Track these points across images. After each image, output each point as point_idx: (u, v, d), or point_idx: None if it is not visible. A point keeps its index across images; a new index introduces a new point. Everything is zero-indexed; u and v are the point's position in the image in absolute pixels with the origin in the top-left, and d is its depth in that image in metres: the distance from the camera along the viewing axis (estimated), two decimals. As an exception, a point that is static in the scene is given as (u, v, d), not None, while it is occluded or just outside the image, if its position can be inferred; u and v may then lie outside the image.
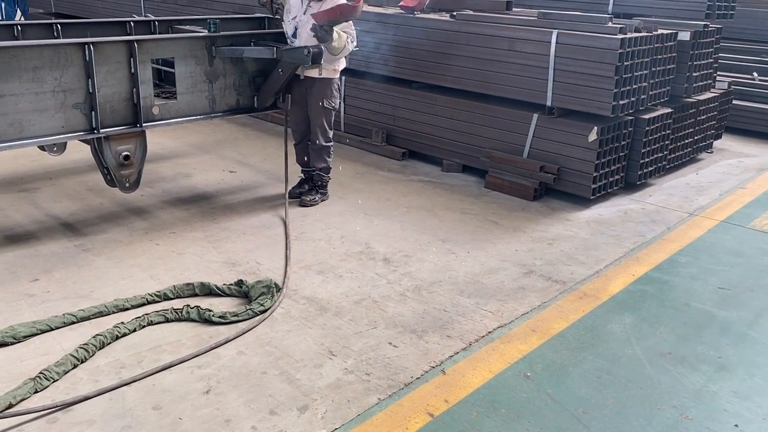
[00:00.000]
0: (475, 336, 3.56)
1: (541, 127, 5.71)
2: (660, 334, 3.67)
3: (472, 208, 5.44)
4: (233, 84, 4.95)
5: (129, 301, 3.69)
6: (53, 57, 4.01)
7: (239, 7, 8.05)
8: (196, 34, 4.82)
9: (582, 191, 5.54)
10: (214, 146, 6.87)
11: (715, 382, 3.25)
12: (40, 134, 4.08)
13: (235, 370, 3.18)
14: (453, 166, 6.34)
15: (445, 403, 3.01)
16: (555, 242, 4.82)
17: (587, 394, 3.12)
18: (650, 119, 5.84)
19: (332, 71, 5.14)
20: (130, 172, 4.51)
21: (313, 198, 5.35)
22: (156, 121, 4.54)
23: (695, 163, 6.98)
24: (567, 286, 4.17)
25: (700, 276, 4.40)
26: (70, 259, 4.24)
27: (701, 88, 6.66)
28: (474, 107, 6.17)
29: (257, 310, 3.65)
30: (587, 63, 5.33)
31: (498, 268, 4.38)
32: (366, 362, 3.28)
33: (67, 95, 4.10)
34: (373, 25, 6.66)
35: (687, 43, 6.19)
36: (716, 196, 5.98)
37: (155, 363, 3.19)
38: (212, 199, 5.41)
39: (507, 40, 5.79)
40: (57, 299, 3.75)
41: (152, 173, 5.79)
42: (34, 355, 3.22)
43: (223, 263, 4.28)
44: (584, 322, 3.76)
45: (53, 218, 4.87)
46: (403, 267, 4.33)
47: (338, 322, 3.64)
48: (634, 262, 4.56)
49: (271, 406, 2.93)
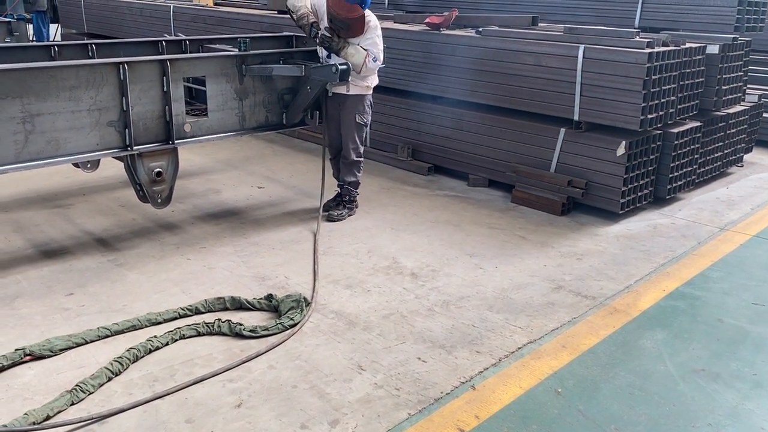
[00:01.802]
0: (504, 352, 3.54)
1: (568, 142, 5.70)
2: (692, 350, 3.62)
3: (499, 222, 5.43)
4: (262, 101, 5.03)
5: (161, 315, 3.74)
6: (89, 76, 4.12)
7: (267, 26, 8.18)
8: (227, 53, 4.92)
9: (611, 206, 5.50)
10: (243, 162, 6.97)
11: (751, 400, 3.20)
12: (76, 151, 4.18)
13: (266, 383, 3.21)
14: (479, 180, 6.34)
15: (475, 418, 3.00)
16: (584, 257, 4.79)
17: (619, 411, 3.09)
18: (679, 133, 5.79)
19: (365, 88, 5.21)
20: (162, 188, 4.59)
21: (340, 213, 5.39)
22: (188, 138, 4.63)
23: (725, 177, 6.89)
24: (597, 301, 4.14)
25: (733, 291, 4.33)
26: (104, 274, 4.32)
27: (731, 101, 6.60)
28: (500, 122, 6.18)
29: (287, 324, 3.68)
30: (614, 77, 5.31)
31: (527, 283, 4.36)
32: (395, 377, 3.29)
33: (102, 113, 4.21)
34: (400, 42, 6.73)
35: (716, 57, 6.14)
36: (747, 210, 5.90)
37: (188, 376, 3.23)
38: (241, 214, 5.47)
39: (533, 55, 5.80)
40: (91, 313, 3.82)
41: (183, 189, 5.89)
42: (70, 367, 3.28)
43: (252, 277, 4.33)
44: (615, 338, 3.72)
45: (87, 234, 4.97)
46: (431, 282, 4.34)
47: (367, 337, 3.65)
48: (664, 277, 4.51)
49: (302, 420, 2.95)
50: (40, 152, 4.02)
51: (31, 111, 3.92)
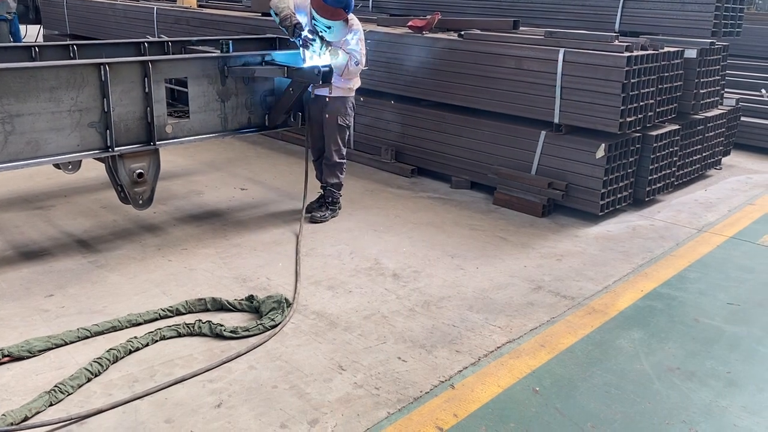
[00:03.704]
0: (484, 351, 3.58)
1: (548, 144, 5.76)
2: (669, 350, 3.68)
3: (480, 224, 5.47)
4: (245, 103, 5.04)
5: (142, 316, 3.74)
6: (70, 77, 4.10)
7: (250, 28, 8.18)
8: (209, 55, 4.92)
9: (590, 207, 5.56)
10: (226, 164, 6.96)
11: (725, 398, 3.26)
12: (57, 153, 4.16)
13: (246, 384, 3.21)
14: (461, 182, 6.39)
15: (454, 417, 3.03)
16: (563, 258, 4.84)
17: (596, 409, 3.13)
18: (658, 136, 5.88)
19: (347, 90, 5.24)
20: (144, 189, 4.58)
21: (323, 214, 5.40)
22: (169, 140, 4.62)
23: (704, 179, 6.99)
24: (576, 301, 4.19)
25: (709, 291, 4.40)
26: (85, 275, 4.30)
27: (709, 104, 6.71)
28: (482, 125, 6.23)
29: (268, 325, 3.69)
30: (594, 80, 5.38)
31: (507, 283, 4.40)
32: (375, 377, 3.31)
33: (82, 114, 4.19)
34: (382, 45, 6.76)
35: (694, 61, 6.25)
36: (725, 212, 5.99)
37: (167, 377, 3.23)
38: (223, 216, 5.47)
39: (514, 58, 5.86)
40: (71, 314, 3.81)
41: (165, 191, 5.87)
42: (49, 368, 3.27)
43: (234, 279, 4.33)
44: (593, 338, 3.77)
45: (67, 235, 4.95)
46: (413, 282, 4.36)
47: (348, 337, 3.67)
48: (642, 277, 4.57)
49: (282, 420, 2.96)
50: (19, 153, 3.99)
51: (10, 111, 3.90)
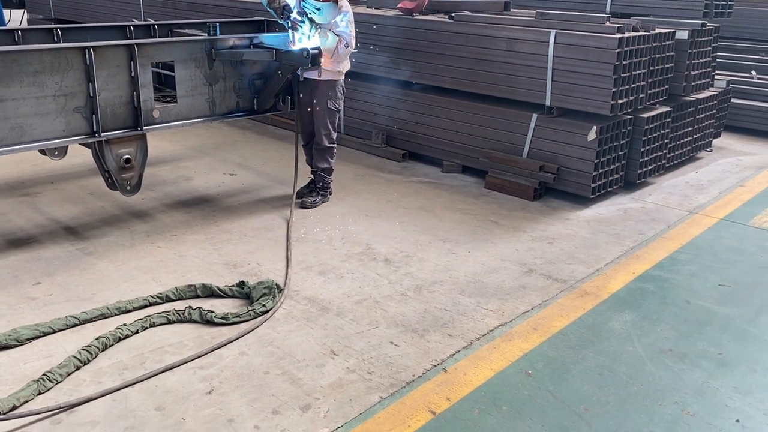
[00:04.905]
0: (476, 334, 3.57)
1: (540, 127, 5.73)
2: (660, 331, 3.68)
3: (472, 208, 5.45)
4: (233, 87, 4.97)
5: (131, 304, 3.70)
6: (54, 61, 4.03)
7: (238, 11, 8.07)
8: (196, 38, 4.84)
9: (582, 190, 5.55)
10: (215, 149, 6.89)
11: (716, 378, 3.26)
12: (42, 138, 4.10)
13: (238, 370, 3.19)
14: (453, 167, 6.35)
15: (446, 401, 3.02)
16: (555, 241, 4.83)
17: (589, 391, 3.13)
18: (649, 118, 5.86)
19: (337, 73, 5.17)
20: (131, 175, 4.53)
21: (314, 200, 5.36)
22: (156, 125, 4.56)
23: (695, 161, 6.99)
24: (567, 284, 4.18)
25: (701, 273, 4.41)
26: (73, 263, 4.25)
27: (700, 86, 6.68)
28: (473, 108, 6.19)
29: (259, 311, 3.66)
30: (585, 62, 5.35)
31: (499, 267, 4.39)
32: (368, 361, 3.29)
33: (68, 99, 4.12)
34: (372, 27, 6.69)
35: (685, 42, 6.21)
36: (716, 194, 5.99)
37: (158, 364, 3.20)
38: (213, 201, 5.42)
39: (505, 40, 5.81)
40: (59, 302, 3.77)
41: (153, 176, 5.81)
42: (37, 357, 3.24)
43: (224, 265, 4.30)
44: (585, 320, 3.77)
45: (55, 222, 4.89)
46: (404, 267, 4.34)
47: (340, 322, 3.65)
48: (634, 260, 4.57)
49: (274, 406, 2.94)
50: (3, 139, 3.93)
51: (-7, 96, 3.83)
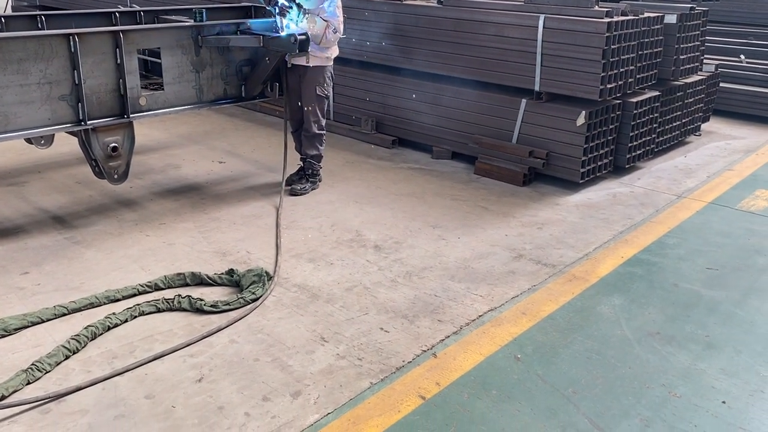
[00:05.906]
0: (465, 320, 3.58)
1: (529, 113, 5.72)
2: (648, 315, 3.71)
3: (461, 194, 5.45)
4: (220, 73, 4.93)
5: (120, 292, 3.69)
6: (38, 49, 3.98)
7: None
8: (182, 24, 4.80)
9: (571, 175, 5.56)
10: (203, 137, 6.85)
11: (703, 360, 3.30)
12: (27, 127, 4.06)
13: (228, 358, 3.19)
14: (443, 153, 6.35)
15: (436, 385, 3.04)
16: (544, 226, 4.84)
17: (577, 375, 3.15)
18: (638, 102, 5.86)
19: (325, 59, 5.14)
20: (119, 163, 4.50)
21: (303, 187, 5.34)
22: (143, 112, 4.53)
23: (683, 146, 7.01)
24: (556, 269, 4.20)
25: (688, 257, 4.44)
26: (61, 252, 4.23)
27: (688, 71, 6.69)
28: (463, 93, 6.17)
29: (249, 299, 3.66)
30: (574, 47, 5.34)
31: (488, 252, 4.40)
32: (358, 347, 3.30)
33: (53, 87, 4.08)
34: (362, 13, 6.65)
35: (674, 26, 6.21)
36: (704, 178, 6.02)
37: (147, 353, 3.20)
38: (202, 189, 5.40)
39: (494, 25, 5.79)
40: (48, 291, 3.75)
41: (141, 165, 5.77)
42: (26, 347, 3.22)
43: (213, 253, 4.29)
44: (574, 304, 3.79)
45: (42, 211, 4.85)
46: (394, 253, 4.35)
47: (330, 309, 3.65)
48: (622, 244, 4.59)
49: (264, 393, 2.95)
50: (-12, 128, 3.89)
51: (-24, 85, 3.79)
